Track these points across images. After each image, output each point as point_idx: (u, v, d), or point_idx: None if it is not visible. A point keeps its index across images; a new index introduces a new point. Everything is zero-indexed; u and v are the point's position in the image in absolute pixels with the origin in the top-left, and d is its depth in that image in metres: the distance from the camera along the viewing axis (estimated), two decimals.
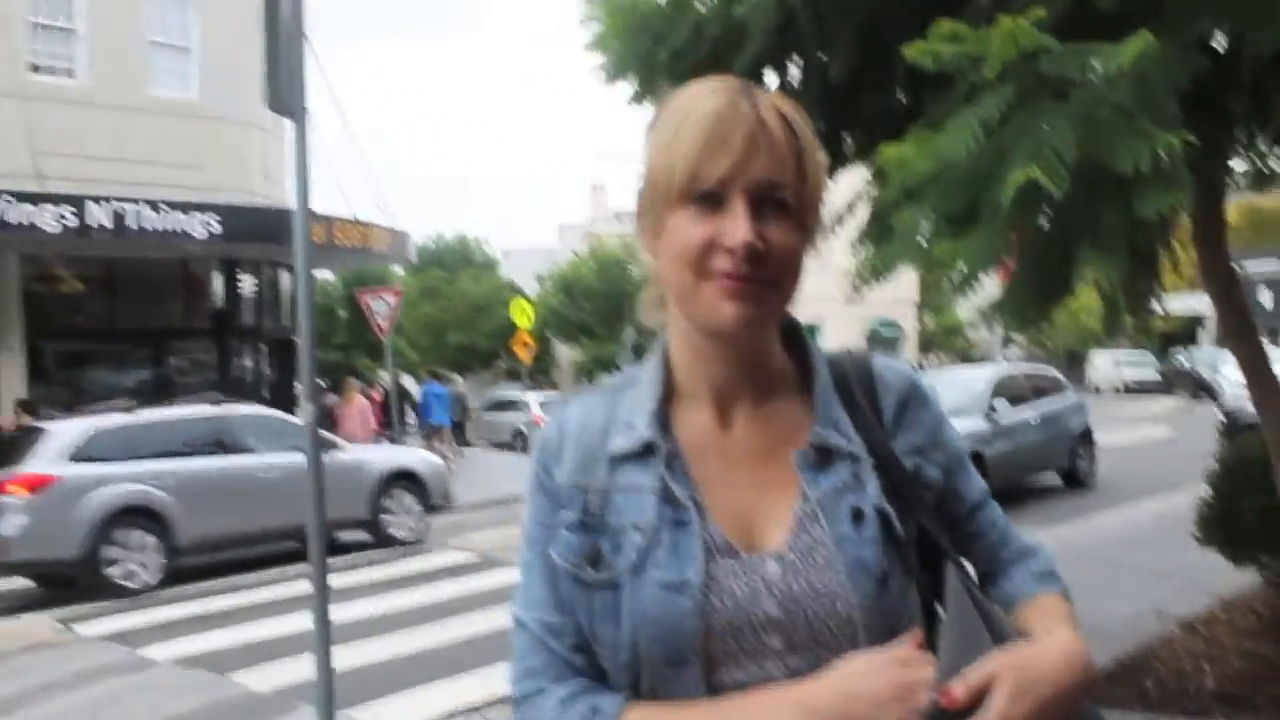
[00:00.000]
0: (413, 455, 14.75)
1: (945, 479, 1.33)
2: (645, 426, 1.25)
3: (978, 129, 3.16)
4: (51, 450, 10.80)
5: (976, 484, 1.38)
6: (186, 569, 11.59)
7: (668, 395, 1.28)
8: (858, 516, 1.22)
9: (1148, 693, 5.43)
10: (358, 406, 18.70)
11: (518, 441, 26.57)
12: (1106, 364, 45.30)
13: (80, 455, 10.82)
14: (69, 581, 10.96)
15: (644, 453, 1.24)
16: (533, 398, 29.74)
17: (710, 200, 1.17)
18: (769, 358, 1.29)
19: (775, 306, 1.22)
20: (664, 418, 1.26)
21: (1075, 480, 15.02)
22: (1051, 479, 14.98)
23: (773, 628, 1.18)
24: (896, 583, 1.21)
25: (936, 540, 1.26)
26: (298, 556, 11.19)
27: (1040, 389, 15.20)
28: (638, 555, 1.19)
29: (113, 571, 10.70)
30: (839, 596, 1.18)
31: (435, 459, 14.82)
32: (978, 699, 1.07)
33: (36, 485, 10.39)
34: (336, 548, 12.48)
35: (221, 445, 11.86)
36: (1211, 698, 5.33)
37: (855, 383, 1.31)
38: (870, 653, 1.14)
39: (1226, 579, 6.97)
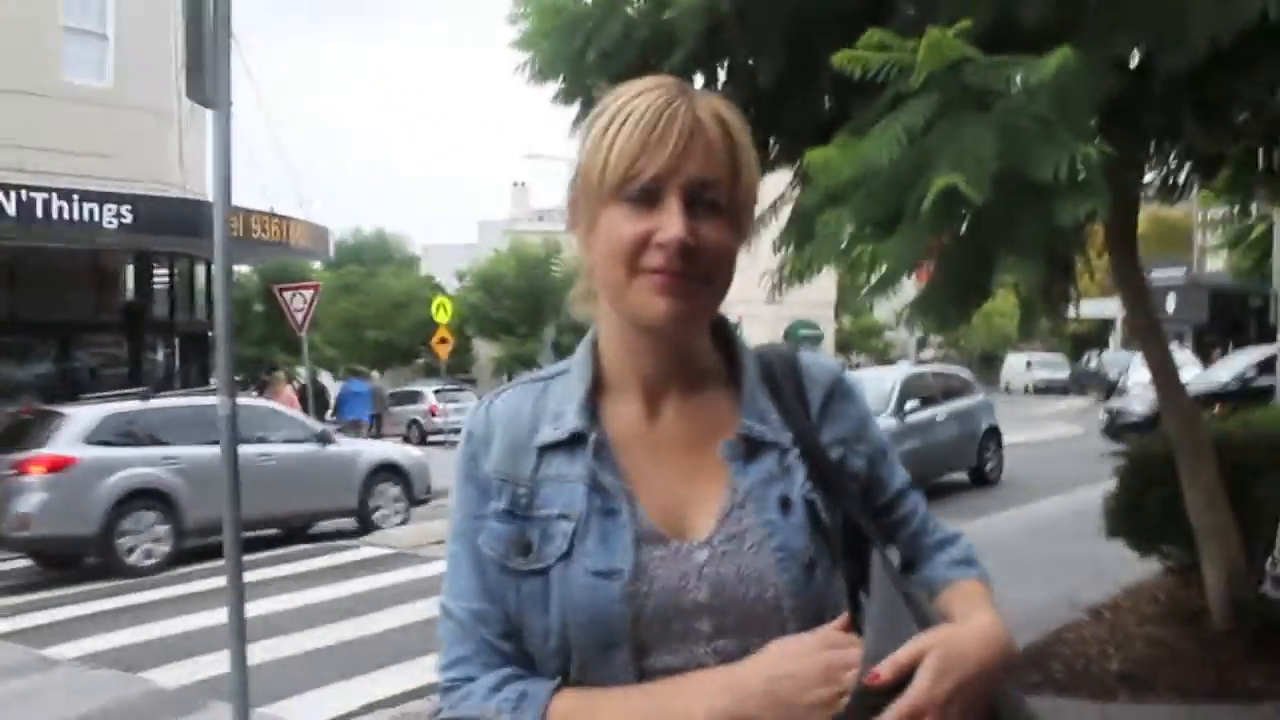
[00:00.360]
0: (397, 449, 15.36)
1: (870, 469, 1.36)
2: (574, 416, 1.26)
3: (902, 136, 3.23)
4: (70, 434, 11.23)
5: (899, 474, 1.41)
6: (92, 566, 11.38)
7: (596, 387, 1.30)
8: (785, 505, 1.25)
9: (1055, 676, 5.60)
10: (284, 399, 18.62)
11: (413, 431, 27.81)
12: (1019, 365, 46.45)
13: (95, 439, 11.29)
14: (74, 561, 11.60)
15: (572, 443, 1.26)
16: (430, 389, 31.14)
17: (645, 197, 1.19)
18: (698, 353, 1.32)
19: (707, 302, 1.24)
20: (592, 408, 1.28)
21: (982, 477, 15.52)
22: (960, 476, 15.33)
23: (702, 613, 1.20)
24: (822, 569, 1.24)
25: (862, 528, 1.29)
26: (268, 544, 11.74)
27: (949, 389, 15.69)
28: (567, 544, 1.21)
29: (129, 556, 11.26)
30: (766, 582, 1.21)
31: (417, 452, 15.25)
32: (903, 678, 1.11)
33: (56, 466, 10.90)
34: (314, 538, 13.09)
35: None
36: (1115, 680, 5.53)
37: (782, 376, 1.34)
38: (798, 636, 1.17)
39: (1131, 569, 7.20)
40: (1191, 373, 17.40)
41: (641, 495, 1.25)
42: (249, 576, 5.73)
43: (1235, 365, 18.80)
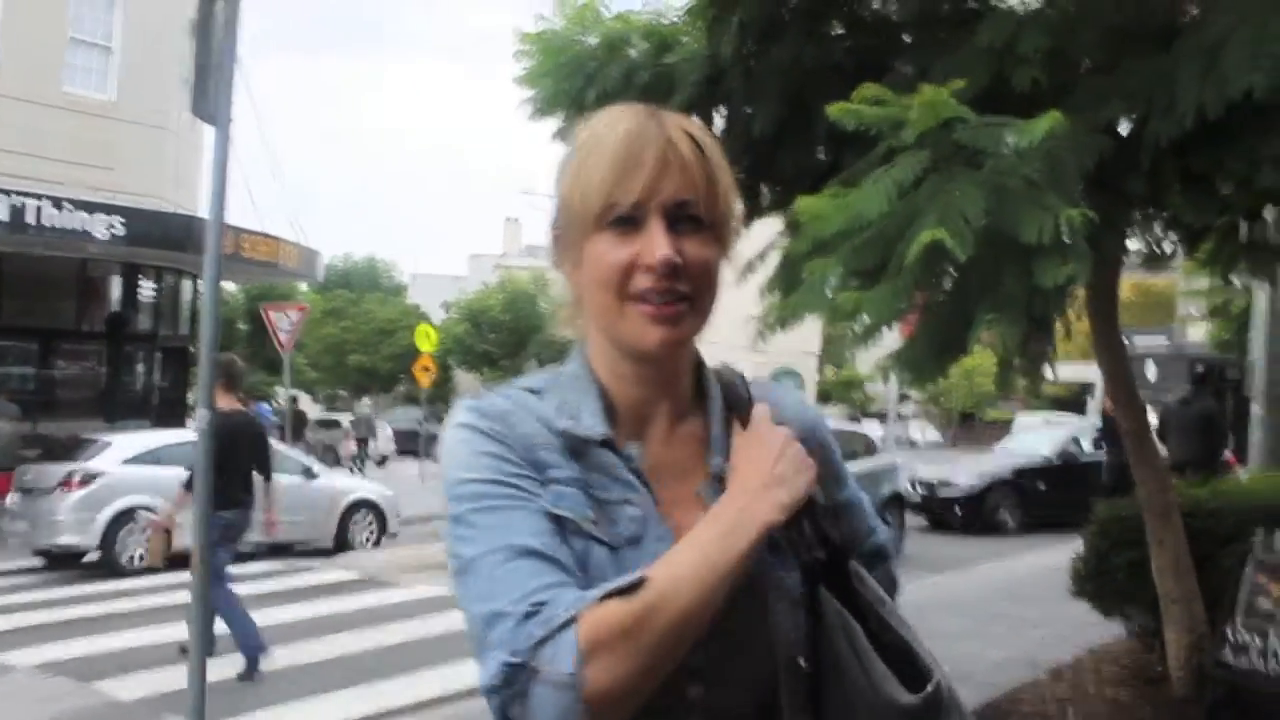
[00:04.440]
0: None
1: (827, 478, 1.35)
2: (597, 423, 1.25)
3: (891, 189, 3.30)
4: None
5: (846, 474, 1.50)
6: (63, 578, 11.28)
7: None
8: (773, 546, 1.23)
9: None
10: None
11: (328, 457, 28.08)
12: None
13: None
14: None
15: (603, 444, 1.25)
16: (345, 417, 33.87)
17: (627, 223, 1.20)
18: (681, 380, 1.32)
19: (695, 326, 1.25)
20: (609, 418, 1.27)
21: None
22: None
23: (697, 648, 1.16)
24: (804, 605, 1.25)
25: (839, 551, 1.29)
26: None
27: (849, 450, 14.84)
28: (638, 528, 1.22)
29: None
30: (756, 616, 1.22)
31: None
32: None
33: None
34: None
35: None
36: None
37: (741, 404, 1.32)
38: (757, 444, 1.24)
39: (1096, 630, 7.23)
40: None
41: None
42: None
43: (1057, 438, 18.41)
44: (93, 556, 12.14)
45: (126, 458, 12.45)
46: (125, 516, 11.96)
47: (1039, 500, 16.50)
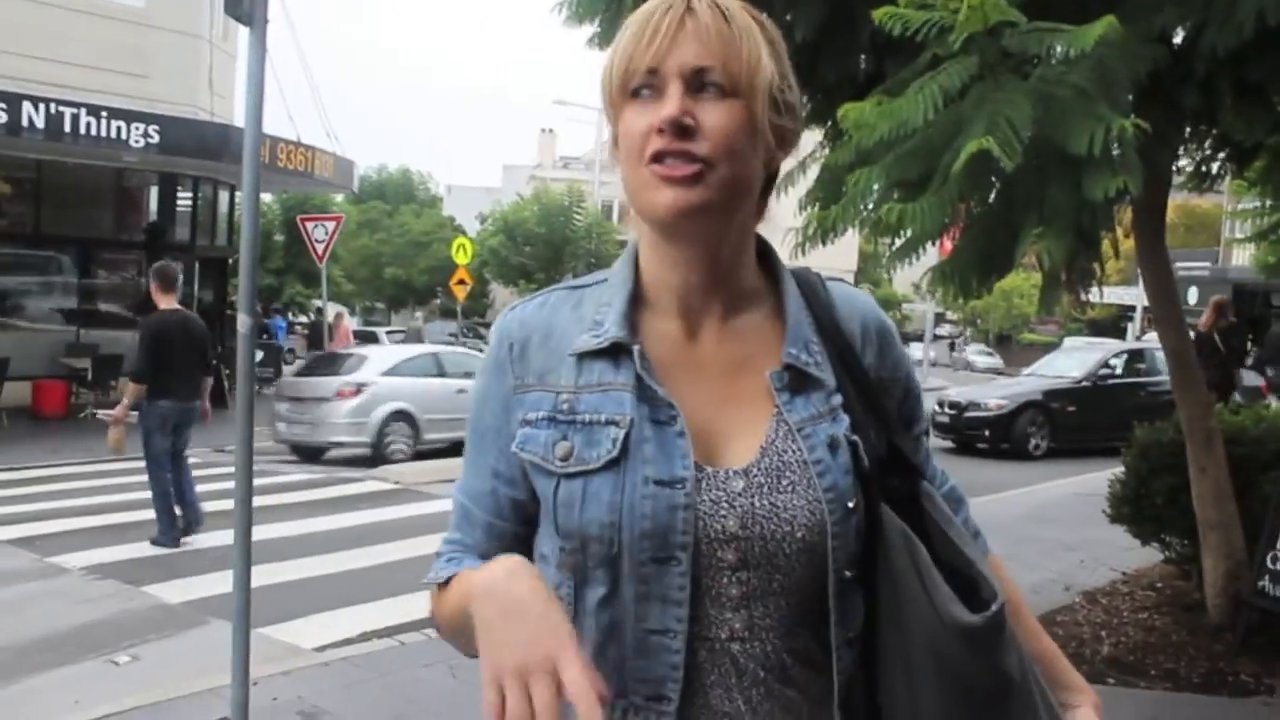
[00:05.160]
0: None
1: (899, 406, 1.35)
2: (614, 326, 1.24)
3: (938, 97, 3.20)
4: None
5: (921, 417, 1.40)
6: (114, 485, 11.49)
7: (635, 300, 1.28)
8: (833, 445, 1.23)
9: None
10: (343, 332, 21.80)
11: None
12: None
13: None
14: None
15: (614, 352, 1.24)
16: (382, 330, 34.26)
17: (649, 92, 1.19)
18: (738, 270, 1.29)
19: (714, 194, 1.19)
20: (632, 320, 1.26)
21: None
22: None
23: (729, 543, 1.18)
24: (859, 511, 1.23)
25: (907, 463, 1.31)
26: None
27: None
28: (617, 449, 1.19)
29: None
30: (799, 521, 1.19)
31: None
32: None
33: None
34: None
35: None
36: (1106, 664, 5.56)
37: (820, 305, 1.32)
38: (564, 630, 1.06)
39: (1131, 556, 7.21)
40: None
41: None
42: (255, 502, 5.77)
43: (1088, 360, 17.89)
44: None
45: (383, 370, 14.82)
46: (391, 418, 14.37)
47: (1069, 423, 16.35)
